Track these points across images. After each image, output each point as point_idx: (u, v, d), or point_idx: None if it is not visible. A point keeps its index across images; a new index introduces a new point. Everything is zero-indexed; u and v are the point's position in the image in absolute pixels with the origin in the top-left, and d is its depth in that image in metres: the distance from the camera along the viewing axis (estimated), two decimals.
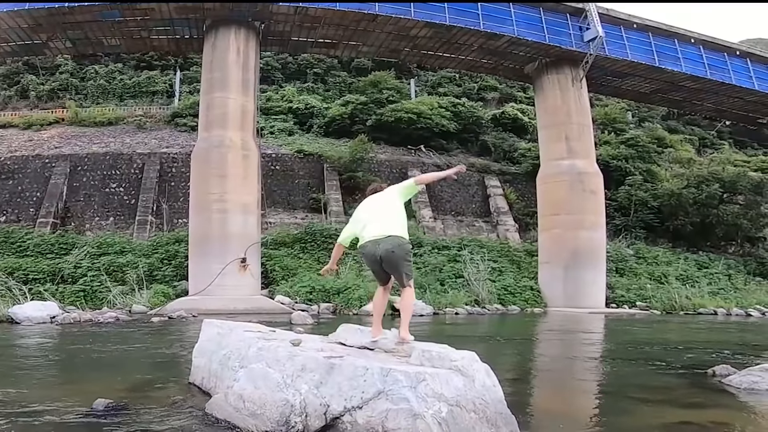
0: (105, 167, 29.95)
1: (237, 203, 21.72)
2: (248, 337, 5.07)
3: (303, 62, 46.42)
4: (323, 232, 26.64)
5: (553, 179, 26.32)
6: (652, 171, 35.91)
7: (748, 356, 9.59)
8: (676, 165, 38.61)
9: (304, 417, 3.82)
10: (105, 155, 30.62)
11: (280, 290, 21.75)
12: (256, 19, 23.81)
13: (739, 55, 30.30)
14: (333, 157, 32.09)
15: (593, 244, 25.26)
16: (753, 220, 33.18)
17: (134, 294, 19.97)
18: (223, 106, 22.40)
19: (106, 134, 33.94)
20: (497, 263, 26.45)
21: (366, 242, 5.26)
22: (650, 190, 33.69)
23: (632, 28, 27.59)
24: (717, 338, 13.86)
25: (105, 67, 44.67)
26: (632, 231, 32.36)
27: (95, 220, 28.01)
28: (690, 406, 5.59)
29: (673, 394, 6.30)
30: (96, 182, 29.37)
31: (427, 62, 32.44)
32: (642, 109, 49.16)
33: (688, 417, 4.98)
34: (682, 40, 28.68)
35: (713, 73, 28.97)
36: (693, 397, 6.12)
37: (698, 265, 30.48)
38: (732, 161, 39.72)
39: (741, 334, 15.07)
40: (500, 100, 46.69)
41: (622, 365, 8.88)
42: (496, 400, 4.10)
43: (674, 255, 31.05)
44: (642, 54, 27.55)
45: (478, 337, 13.02)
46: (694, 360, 9.12)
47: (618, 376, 7.87)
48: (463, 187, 34.08)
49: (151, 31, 25.45)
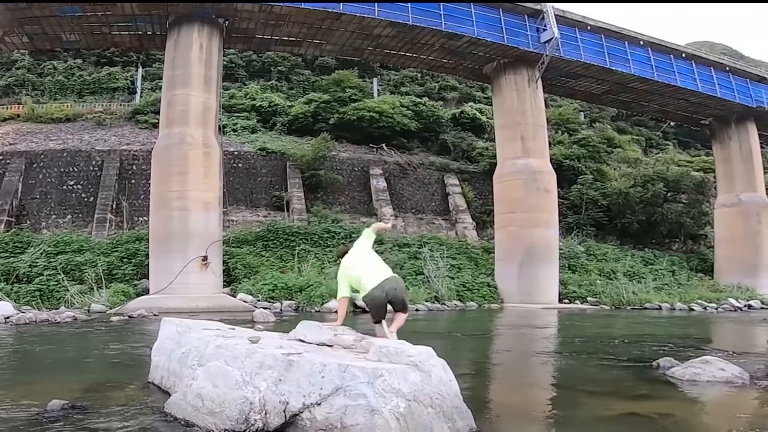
0: (62, 164, 29.13)
1: (198, 201, 21.34)
2: (207, 335, 5.01)
3: (267, 60, 46.09)
4: (286, 230, 26.50)
5: (509, 178, 26.51)
6: (602, 170, 36.79)
7: (690, 349, 9.93)
8: (624, 165, 39.51)
9: (263, 414, 3.79)
10: (62, 152, 29.78)
11: (243, 288, 21.50)
12: (220, 17, 23.35)
13: (685, 57, 30.90)
14: (296, 156, 31.87)
15: (547, 241, 25.68)
16: (695, 218, 34.32)
17: (93, 293, 19.48)
18: (184, 103, 21.95)
19: (63, 131, 33.05)
20: (456, 260, 26.70)
21: (371, 290, 5.60)
22: (600, 189, 34.46)
23: (586, 29, 27.96)
24: (661, 332, 14.26)
25: (64, 62, 43.50)
26: (583, 229, 32.94)
27: (52, 218, 27.22)
28: (636, 398, 5.72)
29: (621, 386, 6.48)
30: (53, 180, 28.53)
31: (390, 61, 32.26)
32: (593, 109, 50.24)
33: (635, 408, 5.10)
34: (632, 42, 29.14)
35: (660, 74, 29.46)
36: (639, 389, 6.26)
37: (644, 261, 31.35)
38: (676, 161, 41.29)
39: (683, 328, 15.47)
40: (460, 100, 47.09)
41: (574, 359, 9.07)
42: (452, 394, 4.12)
43: (622, 252, 31.79)
44: (594, 55, 27.93)
45: (437, 333, 13.09)
46: (640, 353, 9.40)
47: (570, 369, 8.04)
48: (423, 186, 34.25)
49: (112, 26, 24.72)
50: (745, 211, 31.74)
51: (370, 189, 32.55)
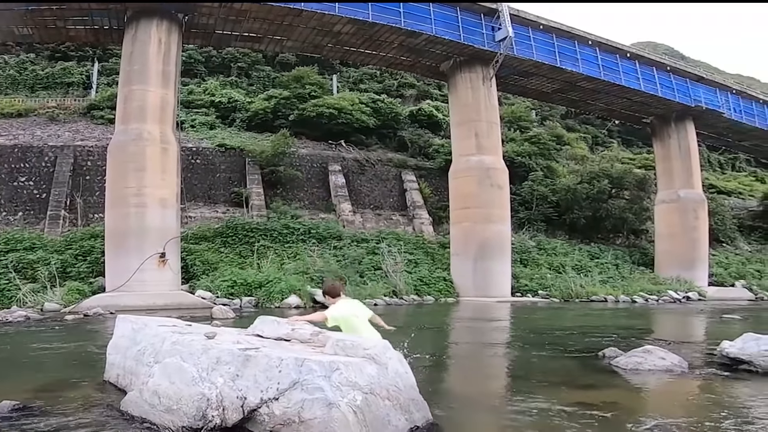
0: (13, 160, 28.16)
1: (155, 197, 20.96)
2: (163, 331, 4.94)
3: (227, 56, 45.29)
4: (245, 226, 26.31)
5: (464, 174, 26.88)
6: (551, 167, 37.39)
7: (633, 339, 10.29)
8: (572, 161, 40.25)
9: (221, 410, 3.76)
10: (13, 148, 28.79)
11: (201, 285, 21.25)
12: (179, 12, 22.91)
13: (629, 57, 31.44)
14: (255, 152, 31.59)
15: (500, 236, 26.13)
16: (637, 213, 35.15)
17: (46, 292, 18.97)
18: (142, 99, 21.50)
19: (14, 126, 31.95)
20: (413, 255, 26.95)
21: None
22: (550, 185, 35.11)
23: (539, 29, 28.30)
24: (606, 323, 14.64)
25: (16, 57, 42.00)
26: (534, 224, 33.59)
27: (2, 215, 26.27)
28: (584, 388, 5.89)
29: (570, 376, 6.66)
30: (3, 176, 27.54)
31: (350, 58, 31.95)
32: (544, 108, 51.05)
33: (583, 398, 5.26)
34: (581, 42, 29.61)
35: (606, 74, 30.00)
36: (586, 378, 6.47)
37: (591, 255, 32.18)
38: (620, 159, 41.96)
39: (627, 320, 15.97)
40: (417, 97, 47.16)
41: (526, 351, 9.28)
42: (408, 386, 4.16)
43: (570, 246, 32.56)
44: (546, 54, 28.28)
45: (395, 327, 13.13)
46: (588, 344, 9.69)
47: (522, 361, 8.21)
48: (381, 182, 34.28)
49: (67, 20, 23.98)
50: (683, 207, 32.56)
51: (329, 185, 32.48)
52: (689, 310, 21.51)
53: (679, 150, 33.49)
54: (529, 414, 4.71)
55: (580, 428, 4.28)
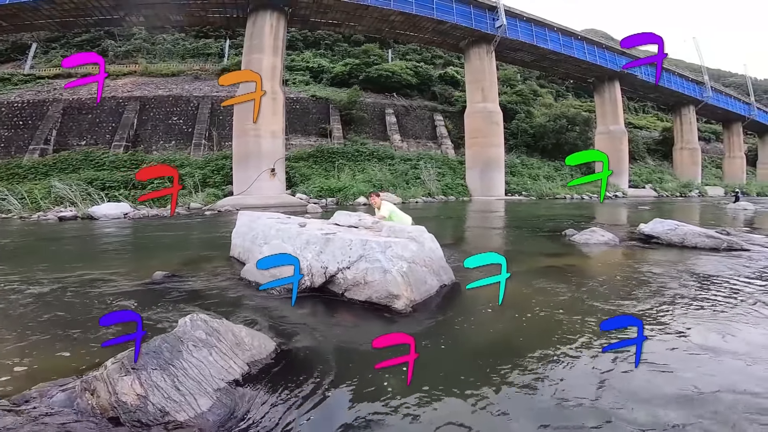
0: (168, 105, 28.39)
1: (268, 131, 21.11)
2: (270, 222, 4.92)
3: (317, 36, 44.62)
4: (329, 150, 26.59)
5: (474, 115, 27.38)
6: (530, 111, 37.65)
7: (582, 223, 10.34)
8: (543, 107, 40.43)
9: (310, 276, 3.75)
10: (168, 97, 28.95)
11: (299, 190, 21.59)
12: (285, 5, 22.94)
13: (580, 39, 32.36)
14: (336, 100, 31.47)
15: (497, 156, 26.96)
16: (584, 141, 35.46)
17: (192, 195, 19.59)
18: (258, 64, 21.46)
19: (169, 82, 32.00)
20: (441, 169, 27.07)
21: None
22: (528, 123, 35.68)
23: (523, 19, 29.06)
24: (565, 213, 14.51)
25: (171, 35, 41.78)
26: (519, 148, 34.21)
27: (160, 143, 26.81)
28: (553, 255, 5.97)
29: (544, 248, 6.70)
30: (161, 116, 27.89)
31: (399, 38, 31.69)
32: (525, 72, 50.71)
33: (553, 263, 5.42)
34: (549, 28, 30.38)
35: (565, 49, 31.01)
36: (556, 249, 6.52)
37: (555, 168, 32.55)
38: (573, 105, 42.98)
39: (578, 211, 15.93)
40: (444, 64, 46.65)
41: (515, 231, 9.26)
42: (438, 258, 4.11)
43: (542, 163, 32.93)
44: (527, 36, 29.07)
45: (428, 217, 13.07)
46: (553, 226, 9.75)
47: (513, 238, 8.25)
48: (419, 121, 34.17)
49: (208, 11, 24.32)
50: (612, 136, 33.69)
51: (385, 123, 32.41)
52: (617, 204, 21.90)
53: (610, 99, 34.65)
54: (519, 273, 4.69)
55: (552, 279, 4.48)
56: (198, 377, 2.00)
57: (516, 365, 2.44)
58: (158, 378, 1.94)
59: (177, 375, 1.97)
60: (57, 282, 4.41)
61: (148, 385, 1.90)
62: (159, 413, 1.84)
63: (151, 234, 9.43)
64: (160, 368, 1.97)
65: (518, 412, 1.99)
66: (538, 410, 2.01)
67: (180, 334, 2.16)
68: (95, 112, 27.48)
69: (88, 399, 1.91)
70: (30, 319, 3.24)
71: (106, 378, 1.92)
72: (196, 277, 4.60)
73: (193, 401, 1.90)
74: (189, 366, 2.03)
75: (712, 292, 3.96)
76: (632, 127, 45.72)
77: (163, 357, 2.02)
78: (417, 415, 1.96)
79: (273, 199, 19.16)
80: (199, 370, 2.04)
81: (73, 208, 15.71)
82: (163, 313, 3.35)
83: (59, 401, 1.94)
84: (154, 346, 2.06)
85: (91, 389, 1.92)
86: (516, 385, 2.22)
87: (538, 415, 1.97)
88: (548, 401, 2.08)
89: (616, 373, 2.34)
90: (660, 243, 6.78)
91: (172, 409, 1.85)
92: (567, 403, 2.05)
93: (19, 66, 35.71)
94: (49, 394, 1.99)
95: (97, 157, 23.42)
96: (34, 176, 21.36)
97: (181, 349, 2.08)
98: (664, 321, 3.18)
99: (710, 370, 2.38)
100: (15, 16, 22.75)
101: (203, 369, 2.05)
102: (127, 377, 1.91)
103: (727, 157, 45.91)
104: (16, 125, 26.33)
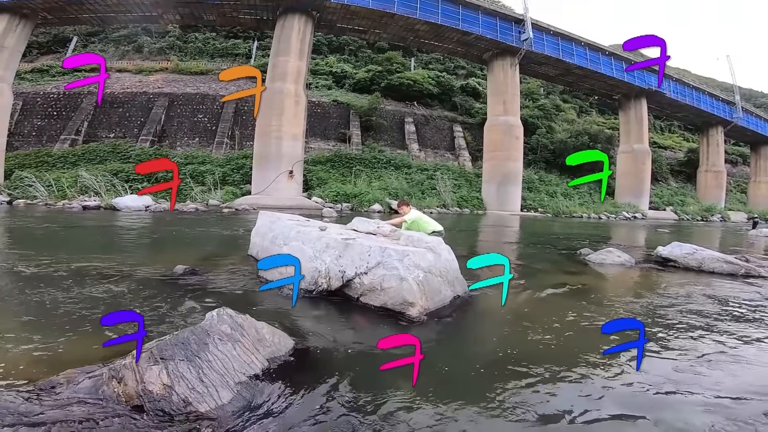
0: (195, 103, 29.02)
1: (288, 133, 21.37)
2: (290, 224, 4.99)
3: (342, 41, 44.88)
4: (347, 155, 26.82)
5: (494, 128, 27.15)
6: (551, 126, 37.35)
7: (599, 243, 10.16)
8: (565, 123, 39.76)
9: (327, 279, 3.81)
10: (196, 95, 29.58)
11: (316, 193, 21.77)
12: (313, 10, 23.34)
13: (607, 54, 31.54)
14: (356, 106, 31.75)
15: (515, 170, 26.62)
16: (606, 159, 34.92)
17: (210, 192, 19.87)
18: (284, 66, 21.97)
19: (198, 81, 32.69)
20: (457, 181, 27.07)
21: (435, 231, 6.18)
22: (549, 138, 35.31)
23: (549, 33, 28.68)
24: (582, 232, 14.35)
25: (203, 34, 42.67)
26: (537, 164, 33.91)
27: (184, 139, 27.39)
28: (567, 273, 5.90)
29: (558, 265, 6.61)
30: (187, 113, 28.52)
31: (423, 47, 31.73)
32: (548, 86, 50.24)
33: (567, 280, 5.34)
34: (576, 43, 30.03)
35: (591, 65, 30.41)
36: (569, 267, 6.43)
37: (573, 186, 31.53)
38: (596, 122, 42.43)
39: (595, 230, 15.72)
40: (466, 75, 46.35)
41: (530, 247, 9.21)
42: (454, 269, 4.13)
43: (560, 180, 32.31)
44: (552, 50, 28.60)
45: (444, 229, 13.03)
46: (569, 244, 9.58)
47: (527, 254, 8.17)
48: (438, 131, 34.18)
49: (239, 12, 24.84)
50: (635, 156, 32.70)
51: (404, 131, 32.51)
52: (636, 225, 21.33)
53: (635, 117, 33.51)
54: (533, 288, 4.70)
55: (565, 296, 4.47)
56: (221, 370, 2.08)
57: (522, 375, 2.48)
58: (184, 369, 2.02)
59: (202, 367, 2.05)
60: (81, 270, 4.55)
61: (174, 375, 1.98)
62: (182, 403, 1.91)
63: (169, 227, 9.65)
64: (186, 359, 2.05)
65: (522, 419, 2.02)
66: (542, 417, 2.04)
67: (207, 327, 2.25)
68: (125, 106, 28.17)
69: (114, 387, 1.98)
70: (54, 306, 3.36)
71: (135, 366, 2.01)
72: (215, 272, 4.69)
73: (215, 393, 1.98)
74: (214, 359, 2.11)
75: (727, 317, 3.91)
76: (656, 147, 44.61)
77: (190, 348, 2.11)
78: (419, 416, 2.01)
79: (289, 200, 19.35)
80: (223, 363, 2.11)
81: (97, 198, 16.10)
82: (184, 306, 3.44)
83: (85, 388, 2.00)
84: (183, 338, 2.15)
85: (119, 377, 2.00)
86: (521, 394, 2.26)
87: (540, 420, 2.01)
88: (552, 410, 2.11)
89: (621, 389, 2.35)
90: (677, 266, 6.68)
91: (194, 400, 1.93)
92: (570, 415, 2.08)
93: (59, 58, 36.80)
94: (75, 381, 2.05)
95: (123, 149, 23.99)
96: (63, 165, 21.95)
97: (208, 341, 2.17)
98: (673, 344, 3.17)
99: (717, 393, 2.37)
100: (61, 10, 23.55)
101: (227, 362, 2.13)
102: (156, 367, 2.00)
103: (753, 182, 44.08)
104: (50, 115, 27.12)
